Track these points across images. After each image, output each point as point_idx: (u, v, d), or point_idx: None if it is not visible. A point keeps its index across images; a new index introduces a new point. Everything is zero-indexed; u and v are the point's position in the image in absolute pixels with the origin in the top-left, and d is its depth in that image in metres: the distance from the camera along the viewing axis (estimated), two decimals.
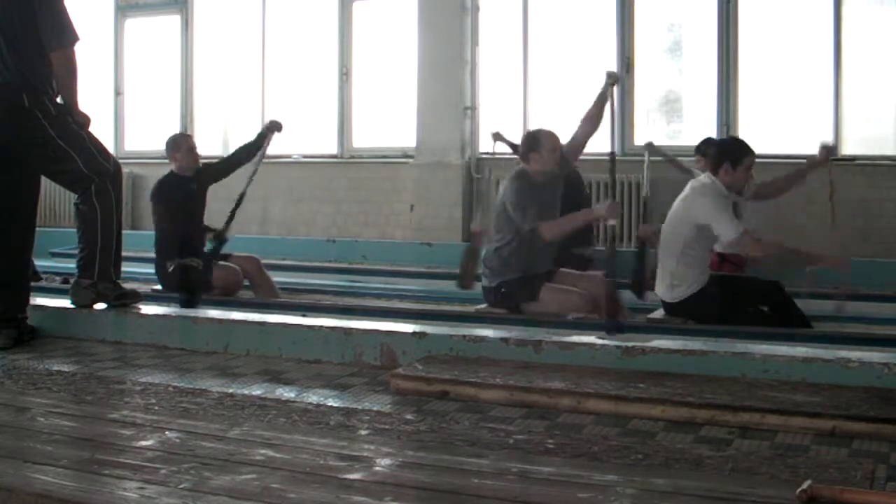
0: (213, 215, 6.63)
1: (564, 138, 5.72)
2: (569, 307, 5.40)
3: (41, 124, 4.50)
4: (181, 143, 6.56)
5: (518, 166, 5.63)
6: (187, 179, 6.43)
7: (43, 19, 4.46)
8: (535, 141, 5.56)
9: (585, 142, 5.84)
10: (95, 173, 4.66)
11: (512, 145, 7.34)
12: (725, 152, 5.25)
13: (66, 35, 4.52)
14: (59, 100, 4.62)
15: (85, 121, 4.69)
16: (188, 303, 5.62)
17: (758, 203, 5.94)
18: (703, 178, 5.25)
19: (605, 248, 5.62)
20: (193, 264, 6.22)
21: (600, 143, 8.74)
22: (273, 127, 6.55)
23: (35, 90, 4.51)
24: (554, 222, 5.50)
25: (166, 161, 9.18)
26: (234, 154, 6.67)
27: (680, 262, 5.16)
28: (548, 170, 5.55)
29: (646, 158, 7.22)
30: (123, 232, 4.96)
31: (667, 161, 7.36)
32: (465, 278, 6.22)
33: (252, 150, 6.61)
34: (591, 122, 5.76)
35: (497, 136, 7.40)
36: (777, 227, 6.17)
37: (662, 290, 5.30)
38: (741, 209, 5.60)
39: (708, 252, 5.29)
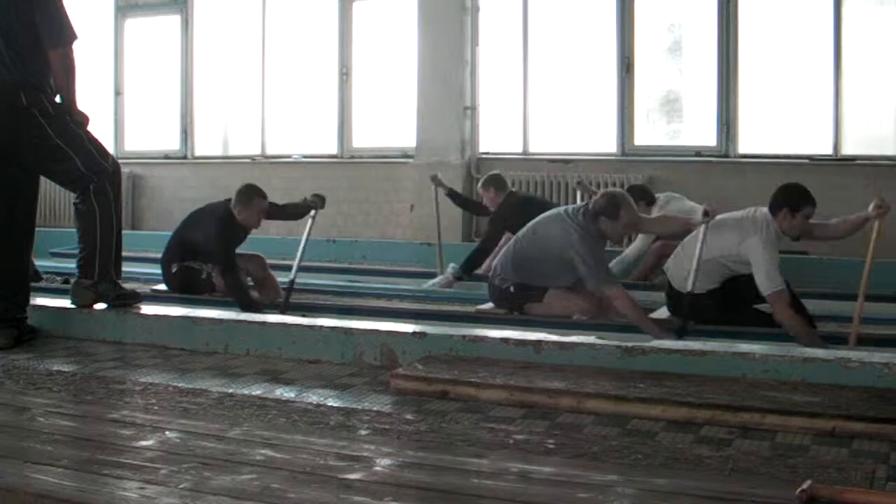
0: None
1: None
2: (573, 309, 5.41)
3: (39, 123, 4.49)
4: (256, 204, 6.33)
5: (580, 215, 5.44)
6: (244, 229, 6.39)
7: (42, 18, 4.45)
8: (615, 210, 5.35)
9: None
10: (94, 173, 4.65)
11: (451, 193, 7.51)
12: (786, 197, 5.17)
13: (64, 34, 4.50)
14: (57, 99, 4.61)
15: (84, 120, 4.68)
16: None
17: None
18: (763, 215, 5.16)
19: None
20: (196, 267, 6.22)
21: (601, 143, 8.82)
22: (320, 203, 6.46)
23: (33, 89, 4.50)
24: (629, 301, 5.24)
25: (165, 161, 9.22)
26: (285, 207, 6.67)
27: (704, 267, 5.13)
28: (612, 239, 5.59)
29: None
30: (123, 232, 4.96)
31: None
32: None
33: (299, 214, 6.61)
34: (669, 229, 5.94)
35: (435, 181, 7.69)
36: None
37: (677, 274, 5.29)
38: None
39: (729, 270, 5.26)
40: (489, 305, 5.80)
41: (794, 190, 5.24)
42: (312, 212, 6.45)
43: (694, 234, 5.34)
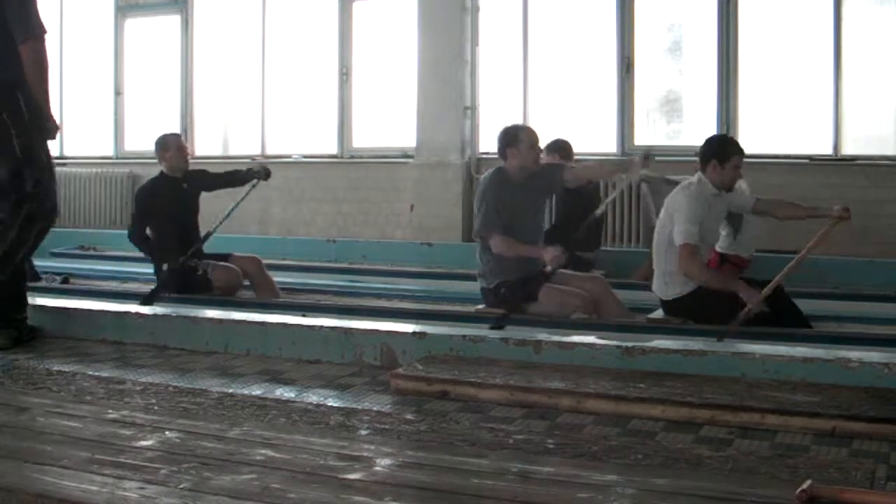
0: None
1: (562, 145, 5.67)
2: (569, 308, 5.39)
3: (4, 122, 4.33)
4: (171, 143, 6.53)
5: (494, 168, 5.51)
6: (177, 180, 6.41)
7: (11, 11, 4.27)
8: (513, 136, 5.42)
9: (587, 178, 5.86)
10: (30, 198, 4.45)
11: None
12: (712, 150, 5.24)
13: (33, 26, 4.30)
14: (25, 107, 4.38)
15: (54, 128, 4.52)
16: (147, 299, 5.67)
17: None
18: (694, 177, 5.25)
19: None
20: (191, 264, 6.22)
21: (601, 143, 8.82)
22: (263, 174, 6.46)
23: (8, 87, 4.33)
24: (507, 242, 5.30)
25: None
26: (228, 174, 6.61)
27: (668, 259, 5.16)
28: (527, 166, 5.41)
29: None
30: (123, 232, 4.95)
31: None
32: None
33: (241, 180, 6.54)
34: (601, 174, 5.90)
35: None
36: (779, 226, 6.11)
37: (658, 287, 5.30)
38: (736, 209, 5.58)
39: (703, 249, 5.28)
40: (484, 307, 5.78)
41: (718, 140, 5.40)
42: (254, 181, 6.43)
43: (655, 243, 5.35)
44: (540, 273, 5.22)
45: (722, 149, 5.25)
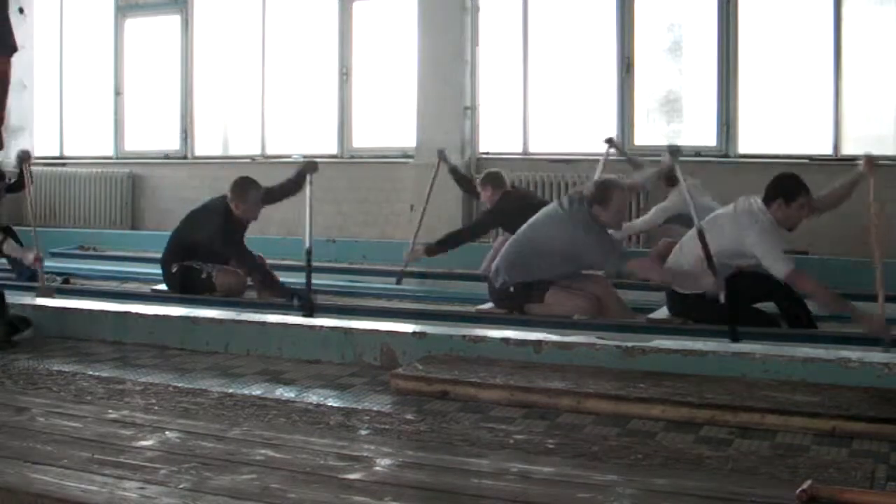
0: None
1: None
2: (573, 309, 5.41)
3: None
4: (251, 198, 6.37)
5: (580, 206, 5.47)
6: (243, 222, 6.39)
7: None
8: (607, 196, 5.41)
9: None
10: None
11: (453, 170, 7.68)
12: (780, 188, 5.12)
13: (5, 44, 4.23)
14: None
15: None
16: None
17: None
18: (758, 206, 5.12)
19: None
20: (195, 266, 6.21)
21: (601, 143, 8.81)
22: (309, 168, 6.45)
23: None
24: (651, 267, 5.56)
25: (166, 161, 9.22)
26: (278, 186, 6.71)
27: (703, 266, 5.11)
28: (610, 227, 5.56)
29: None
30: (123, 232, 4.94)
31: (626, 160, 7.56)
32: None
33: (297, 186, 6.60)
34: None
35: (441, 156, 7.67)
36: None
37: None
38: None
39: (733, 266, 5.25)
40: (489, 305, 5.79)
41: (787, 180, 5.22)
42: (308, 177, 6.42)
43: (689, 235, 5.34)
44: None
45: (790, 188, 5.12)
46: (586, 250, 5.37)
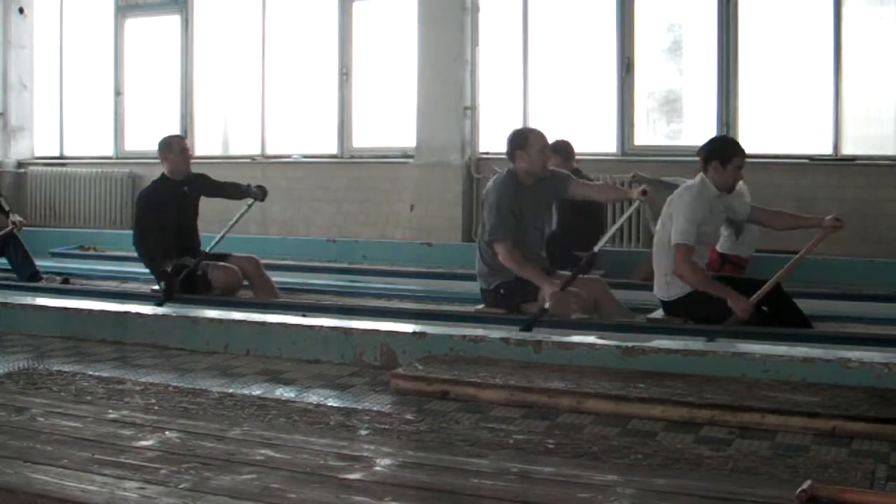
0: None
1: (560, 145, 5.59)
2: (569, 308, 5.39)
3: None
4: (174, 145, 6.46)
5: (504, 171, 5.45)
6: (179, 183, 6.39)
7: None
8: (523, 139, 5.37)
9: (589, 198, 5.82)
10: None
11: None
12: (714, 151, 5.21)
13: None
14: None
15: None
16: (164, 301, 5.69)
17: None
18: (696, 178, 5.25)
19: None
20: (188, 264, 6.21)
21: (601, 143, 8.82)
22: (260, 195, 6.45)
23: None
24: (515, 257, 5.23)
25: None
26: (228, 184, 6.63)
27: (669, 260, 5.14)
28: (535, 171, 5.37)
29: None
30: (123, 232, 4.96)
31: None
32: None
33: (239, 194, 6.57)
34: (601, 197, 5.96)
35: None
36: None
37: (658, 288, 5.30)
38: (733, 214, 5.55)
39: (701, 250, 5.27)
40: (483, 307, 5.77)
41: (719, 142, 5.34)
42: (250, 201, 6.43)
43: (655, 245, 5.34)
44: (540, 311, 5.05)
45: (724, 150, 5.23)
46: (485, 209, 5.35)
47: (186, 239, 6.31)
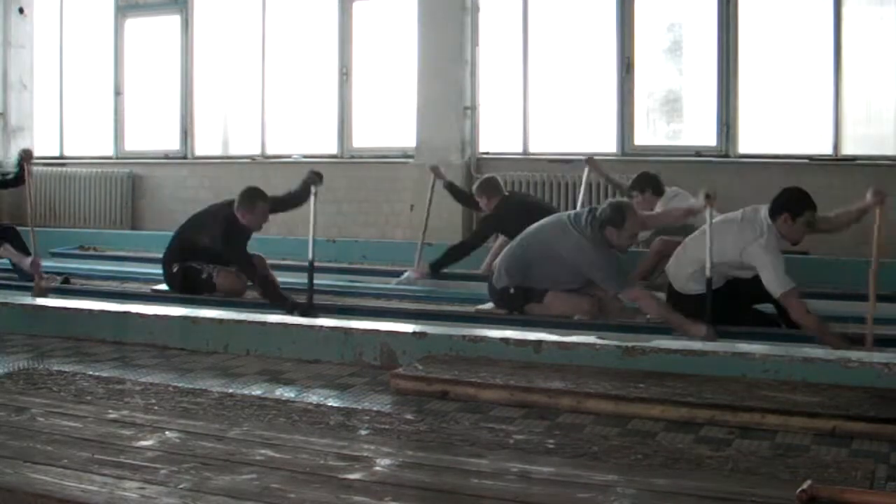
0: None
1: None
2: (573, 310, 5.41)
3: None
4: (258, 207, 6.34)
5: (592, 224, 5.35)
6: (250, 231, 6.39)
7: None
8: (622, 218, 5.29)
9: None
10: None
11: (449, 185, 7.60)
12: (788, 203, 5.08)
13: None
14: None
15: None
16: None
17: None
18: (763, 218, 5.08)
19: None
20: (196, 267, 6.21)
21: (601, 143, 8.82)
22: (315, 180, 6.43)
23: None
24: (653, 300, 5.23)
25: (165, 161, 9.21)
26: (288, 197, 6.70)
27: (704, 269, 5.08)
28: (621, 251, 5.48)
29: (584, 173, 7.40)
30: (123, 232, 4.95)
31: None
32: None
33: (303, 197, 6.58)
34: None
35: (435, 171, 7.62)
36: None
37: (679, 278, 5.26)
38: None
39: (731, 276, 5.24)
40: (489, 305, 5.79)
41: (795, 194, 5.16)
42: (313, 188, 6.42)
43: (696, 235, 5.32)
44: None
45: (797, 203, 5.08)
46: (593, 270, 5.31)
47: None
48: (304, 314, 5.47)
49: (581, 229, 5.34)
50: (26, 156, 6.69)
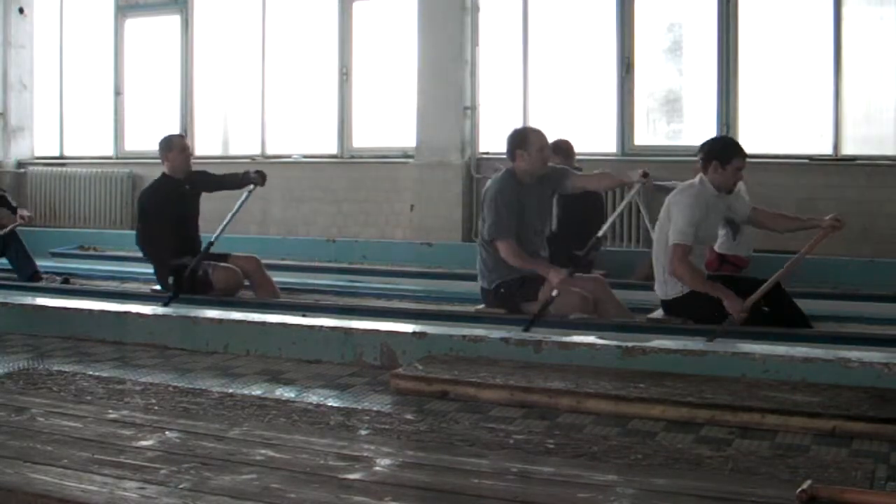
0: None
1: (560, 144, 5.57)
2: (569, 308, 5.39)
3: None
4: (175, 143, 6.50)
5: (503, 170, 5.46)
6: (180, 181, 6.40)
7: None
8: (523, 138, 5.41)
9: (588, 188, 5.83)
10: None
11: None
12: (714, 151, 5.21)
13: None
14: None
15: None
16: (171, 300, 5.71)
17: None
18: (696, 178, 5.24)
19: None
20: (187, 263, 6.21)
21: (601, 143, 8.82)
22: (259, 180, 6.43)
23: None
24: (516, 251, 5.25)
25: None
26: (227, 176, 6.61)
27: (669, 259, 5.13)
28: (535, 170, 5.40)
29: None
30: (123, 232, 4.96)
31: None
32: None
33: (238, 183, 6.53)
34: (600, 186, 5.92)
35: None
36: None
37: (658, 287, 5.30)
38: (733, 214, 5.54)
39: (700, 250, 5.27)
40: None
41: (720, 142, 5.34)
42: (251, 186, 6.42)
43: (657, 240, 5.33)
44: (547, 301, 5.08)
45: (724, 150, 5.23)
46: (486, 208, 5.33)
47: (188, 238, 6.32)
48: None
49: (494, 181, 5.42)
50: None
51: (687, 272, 5.00)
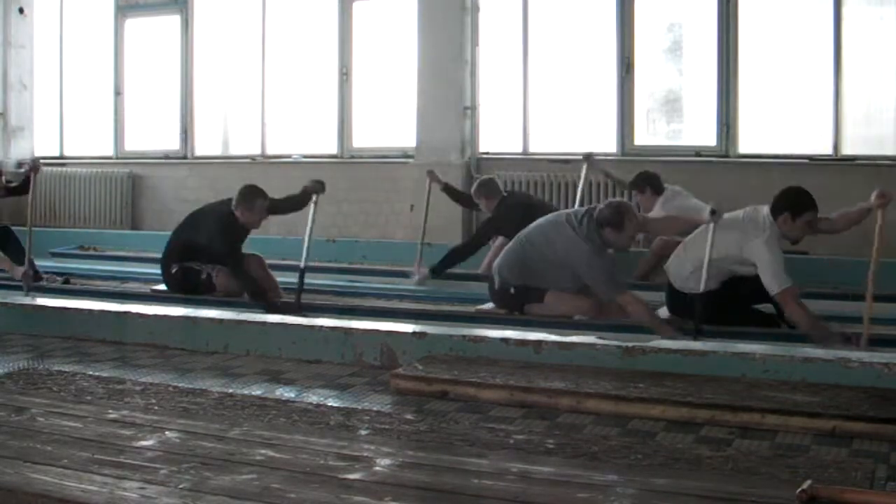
0: None
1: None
2: (573, 310, 5.41)
3: None
4: (257, 206, 6.33)
5: (590, 225, 5.35)
6: (248, 230, 6.40)
7: None
8: (620, 222, 5.29)
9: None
10: None
11: (447, 188, 7.64)
12: (788, 202, 5.10)
13: None
14: None
15: None
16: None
17: None
18: (764, 217, 5.10)
19: None
20: (195, 267, 6.21)
21: (601, 143, 8.82)
22: (317, 189, 6.44)
23: None
24: (641, 305, 5.19)
25: (165, 161, 9.20)
26: (289, 201, 6.68)
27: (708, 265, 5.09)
28: (617, 249, 5.52)
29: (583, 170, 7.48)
30: (123, 232, 4.96)
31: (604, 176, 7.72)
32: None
33: (302, 203, 6.58)
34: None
35: (431, 176, 7.63)
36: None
37: (679, 274, 5.26)
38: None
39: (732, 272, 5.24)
40: (489, 305, 5.79)
41: (795, 194, 5.17)
42: (314, 197, 6.41)
43: (697, 234, 5.32)
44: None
45: (797, 204, 5.10)
46: (586, 271, 5.31)
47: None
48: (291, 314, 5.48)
49: (578, 229, 5.34)
50: (34, 167, 6.64)
51: (804, 315, 4.92)
